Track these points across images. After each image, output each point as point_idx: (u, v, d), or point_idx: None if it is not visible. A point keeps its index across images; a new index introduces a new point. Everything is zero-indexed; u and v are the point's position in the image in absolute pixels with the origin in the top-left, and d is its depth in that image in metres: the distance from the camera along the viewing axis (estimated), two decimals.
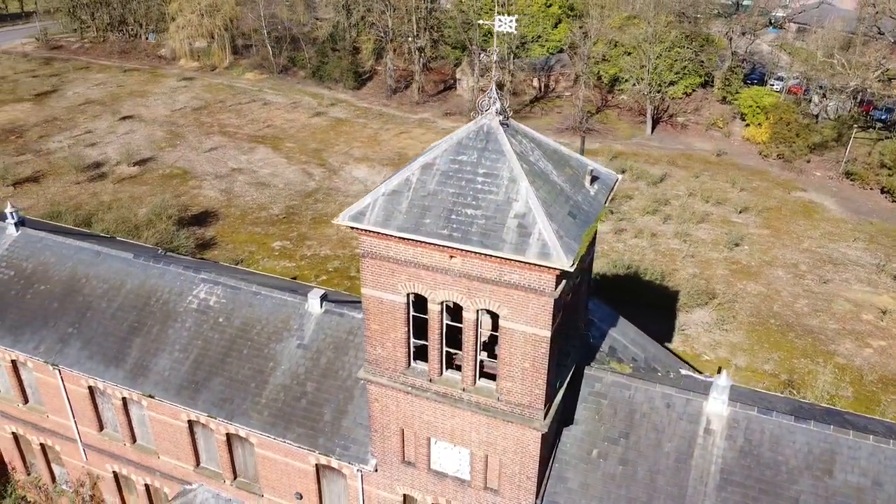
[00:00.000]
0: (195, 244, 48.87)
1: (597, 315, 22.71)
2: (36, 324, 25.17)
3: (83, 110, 76.96)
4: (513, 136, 16.48)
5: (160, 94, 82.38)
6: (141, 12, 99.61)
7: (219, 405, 21.95)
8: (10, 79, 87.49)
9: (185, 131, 71.43)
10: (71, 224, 48.64)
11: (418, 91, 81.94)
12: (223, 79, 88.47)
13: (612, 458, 18.79)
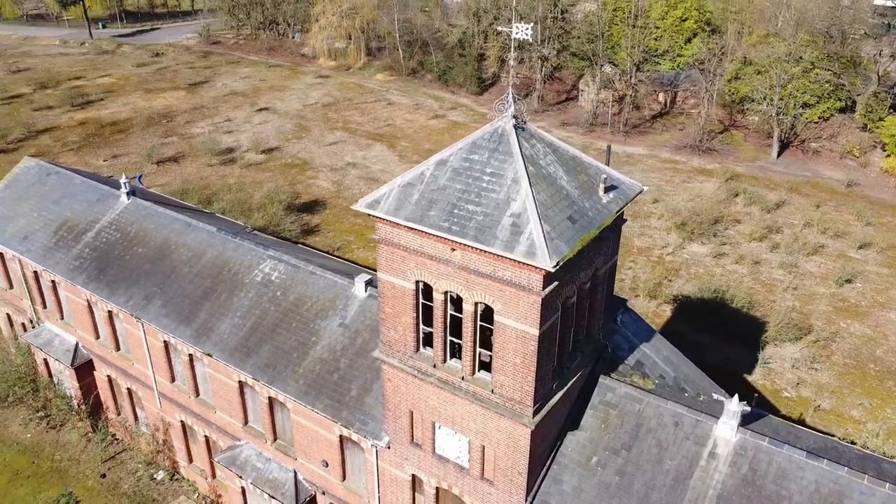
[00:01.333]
0: (300, 229, 52.32)
1: (630, 328, 22.61)
2: (129, 281, 28.53)
3: (227, 100, 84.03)
4: (526, 139, 17.08)
5: (296, 90, 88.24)
6: (289, 13, 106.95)
7: (263, 369, 24.00)
8: (171, 69, 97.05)
9: (312, 125, 76.18)
10: (195, 201, 53.74)
11: (538, 100, 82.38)
12: (355, 78, 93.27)
13: (611, 468, 18.81)
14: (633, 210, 56.93)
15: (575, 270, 17.01)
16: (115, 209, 31.51)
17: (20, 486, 30.57)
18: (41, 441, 32.92)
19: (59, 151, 68.31)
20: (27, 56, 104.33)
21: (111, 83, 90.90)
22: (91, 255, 30.13)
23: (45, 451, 32.36)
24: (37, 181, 34.85)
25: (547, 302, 15.99)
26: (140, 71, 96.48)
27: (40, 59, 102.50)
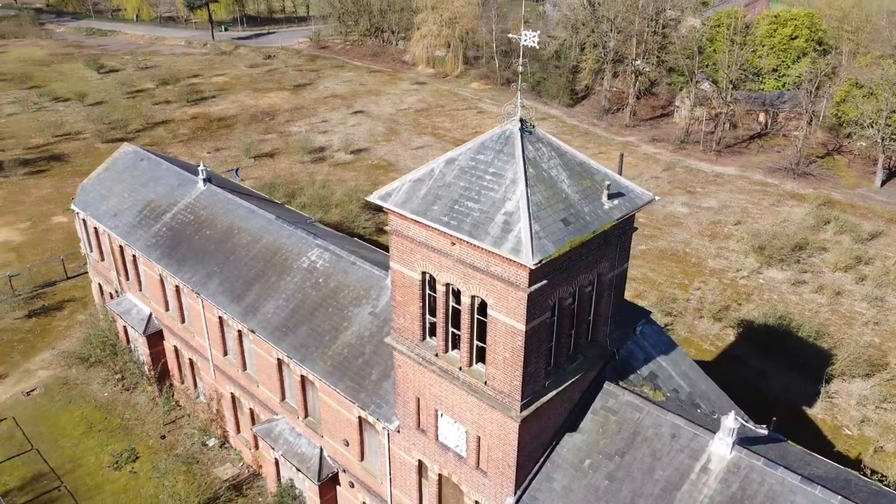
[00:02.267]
0: (374, 227, 54.37)
1: (648, 340, 22.62)
2: (195, 259, 31.08)
3: (326, 102, 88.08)
4: (532, 142, 17.70)
5: (392, 95, 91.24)
6: (394, 21, 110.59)
7: (298, 349, 25.64)
8: (280, 70, 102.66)
9: (402, 129, 78.62)
10: (281, 194, 56.99)
11: (630, 114, 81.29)
12: (451, 86, 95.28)
13: (602, 472, 19.01)
14: (712, 231, 55.39)
15: (570, 272, 17.43)
16: (192, 194, 34.33)
17: (91, 438, 33.81)
18: (115, 400, 36.22)
19: (169, 142, 74.02)
20: (155, 55, 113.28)
21: (224, 82, 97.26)
22: (167, 233, 33.01)
23: (117, 410, 35.58)
24: (131, 165, 38.41)
25: (534, 299, 16.53)
26: (251, 71, 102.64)
27: (166, 57, 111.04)
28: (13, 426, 34.71)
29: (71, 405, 36.05)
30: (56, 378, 38.03)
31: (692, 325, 43.18)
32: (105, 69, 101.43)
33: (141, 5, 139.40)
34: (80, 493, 30.71)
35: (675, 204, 60.44)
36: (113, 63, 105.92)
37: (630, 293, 46.37)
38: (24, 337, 41.89)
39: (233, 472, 31.67)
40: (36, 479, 31.51)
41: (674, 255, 51.85)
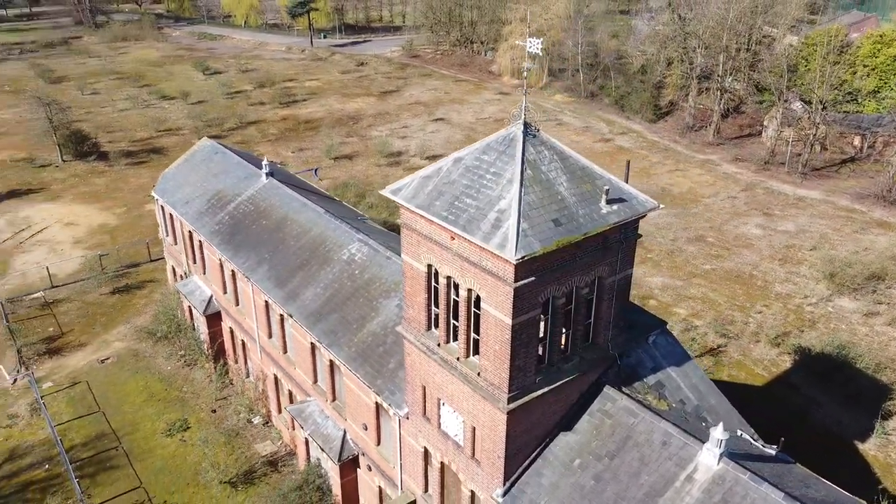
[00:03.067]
0: None
1: (661, 350, 22.66)
2: (250, 246, 33.29)
3: (409, 109, 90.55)
4: (534, 145, 18.38)
5: (474, 104, 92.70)
6: (483, 32, 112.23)
7: (327, 334, 27.13)
8: (370, 77, 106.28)
9: (479, 137, 79.48)
10: (352, 194, 59.41)
11: (714, 132, 79.23)
12: (533, 97, 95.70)
13: (590, 472, 19.32)
14: (784, 255, 53.38)
15: (563, 272, 17.94)
16: (254, 186, 36.72)
17: (151, 406, 36.63)
18: (176, 374, 39.03)
19: (259, 141, 78.26)
20: (256, 59, 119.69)
21: (316, 86, 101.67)
22: (229, 221, 35.47)
23: (177, 383, 38.35)
24: (206, 158, 41.38)
25: (521, 294, 17.18)
26: (343, 77, 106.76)
27: (266, 61, 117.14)
28: (86, 389, 38.07)
29: (137, 375, 39.13)
30: (128, 349, 41.35)
31: (747, 349, 41.94)
32: (210, 71, 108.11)
33: (249, 12, 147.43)
34: (134, 454, 33.40)
35: (749, 225, 58.60)
36: (217, 65, 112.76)
37: (685, 311, 45.57)
38: (107, 311, 45.69)
39: (271, 449, 33.56)
40: (98, 437, 34.50)
41: (739, 276, 50.38)
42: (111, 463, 32.94)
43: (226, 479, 31.34)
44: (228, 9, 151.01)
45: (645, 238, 55.86)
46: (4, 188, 65.72)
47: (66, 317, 45.19)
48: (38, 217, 59.78)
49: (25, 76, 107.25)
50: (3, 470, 32.63)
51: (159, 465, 32.72)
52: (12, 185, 66.24)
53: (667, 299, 47.24)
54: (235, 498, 30.75)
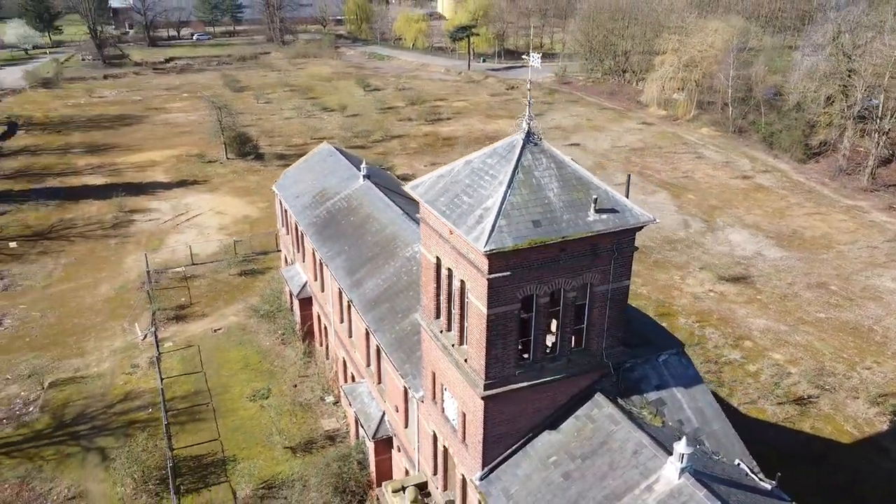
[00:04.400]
0: None
1: (670, 369, 22.77)
2: (335, 239, 36.71)
3: (547, 133, 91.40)
4: (533, 152, 19.69)
5: (613, 132, 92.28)
6: (635, 62, 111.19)
7: (376, 321, 29.57)
8: (516, 100, 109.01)
9: (609, 164, 79.57)
10: None
11: (869, 177, 73.18)
12: (677, 129, 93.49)
13: (561, 469, 20.02)
14: None
15: (543, 272, 18.98)
16: (352, 186, 40.27)
17: (243, 374, 41.08)
18: (271, 349, 43.38)
19: (397, 153, 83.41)
20: (415, 79, 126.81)
21: (463, 106, 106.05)
22: (325, 216, 39.22)
23: (269, 357, 42.64)
24: (322, 159, 45.77)
25: (495, 286, 18.50)
26: (491, 99, 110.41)
27: (423, 82, 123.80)
28: (196, 352, 43.41)
29: (240, 346, 43.94)
30: (238, 324, 46.47)
31: (841, 404, 39.03)
32: (370, 87, 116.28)
33: (418, 35, 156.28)
34: (220, 411, 37.77)
35: (885, 278, 53.84)
36: (378, 83, 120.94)
37: (782, 356, 43.15)
38: (231, 289, 51.49)
39: (334, 426, 36.51)
40: (195, 393, 39.35)
41: (855, 329, 46.67)
42: (200, 416, 37.50)
43: (288, 444, 34.69)
44: (399, 32, 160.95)
45: (758, 279, 53.34)
46: (177, 178, 75.53)
47: (198, 290, 51.49)
48: (196, 204, 68.16)
49: (216, 84, 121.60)
50: (116, 408, 38.28)
51: (237, 424, 36.77)
52: (183, 176, 75.94)
53: (765, 342, 44.93)
54: (293, 462, 33.92)
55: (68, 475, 33.44)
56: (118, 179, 74.73)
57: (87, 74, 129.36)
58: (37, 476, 33.41)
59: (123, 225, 63.43)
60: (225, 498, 32.04)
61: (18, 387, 40.27)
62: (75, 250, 58.41)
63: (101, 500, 32.02)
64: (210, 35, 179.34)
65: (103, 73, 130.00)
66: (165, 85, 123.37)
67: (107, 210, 66.23)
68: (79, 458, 34.51)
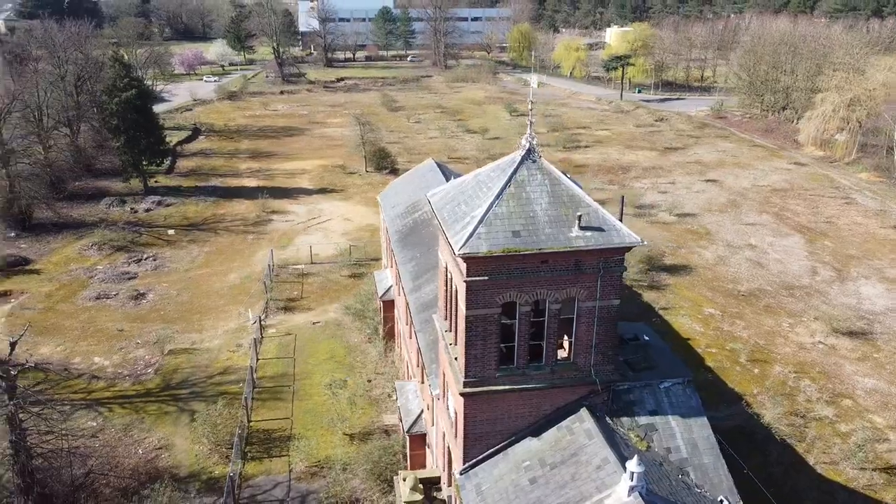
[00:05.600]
0: (648, 282, 55.69)
1: (671, 397, 22.68)
2: (412, 246, 39.19)
3: (685, 167, 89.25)
4: (530, 168, 20.82)
5: (758, 170, 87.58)
6: (796, 99, 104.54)
7: (422, 323, 31.51)
8: (662, 133, 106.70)
9: (744, 203, 75.78)
10: None
11: None
12: (831, 171, 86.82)
13: (529, 474, 20.74)
14: None
15: (523, 280, 19.98)
16: None
17: (327, 365, 44.58)
18: (357, 346, 46.63)
19: None
20: (564, 106, 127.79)
21: (605, 136, 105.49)
22: (410, 225, 41.91)
23: (354, 353, 45.87)
24: (423, 174, 48.64)
25: (474, 290, 19.81)
26: (635, 130, 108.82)
27: (569, 109, 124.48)
28: (292, 340, 47.68)
29: (331, 339, 47.65)
30: (335, 319, 50.33)
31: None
32: (516, 113, 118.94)
33: (576, 64, 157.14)
34: (298, 395, 41.38)
35: None
36: (525, 108, 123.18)
37: (884, 420, 39.38)
38: (338, 289, 55.74)
39: (393, 421, 38.72)
40: (281, 376, 43.36)
41: None
42: (280, 396, 41.33)
43: (348, 432, 37.39)
44: (558, 60, 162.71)
45: (880, 336, 48.97)
46: (318, 185, 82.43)
47: (310, 287, 56.26)
48: (329, 210, 74.06)
49: (375, 103, 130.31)
50: (214, 378, 43.18)
51: (309, 408, 40.13)
52: (324, 184, 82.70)
53: (868, 403, 41.30)
54: (347, 447, 36.52)
55: (161, 429, 38.42)
56: (269, 183, 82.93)
57: (267, 90, 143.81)
58: (138, 426, 38.70)
59: (263, 223, 70.47)
60: (281, 469, 35.29)
61: (144, 351, 46.57)
62: (218, 241, 65.91)
63: (181, 453, 36.51)
64: (382, 58, 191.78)
65: (280, 89, 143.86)
66: (331, 102, 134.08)
67: (252, 209, 73.86)
68: (173, 416, 39.48)
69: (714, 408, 39.07)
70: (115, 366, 44.96)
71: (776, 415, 38.89)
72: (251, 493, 33.82)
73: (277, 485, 34.35)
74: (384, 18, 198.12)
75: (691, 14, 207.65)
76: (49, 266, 60.00)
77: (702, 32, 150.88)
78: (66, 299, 54.17)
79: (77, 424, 38.33)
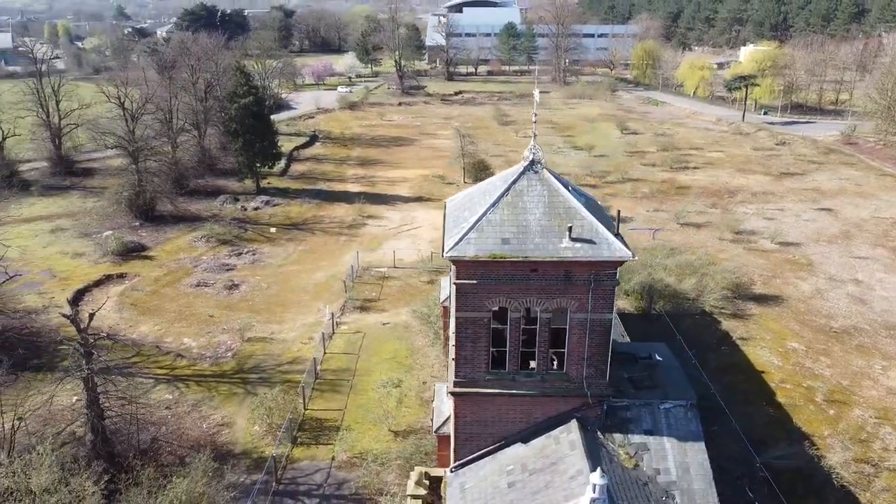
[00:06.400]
0: (731, 310, 53.41)
1: (672, 419, 22.31)
2: None
3: (798, 193, 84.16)
4: (531, 179, 21.34)
5: (881, 201, 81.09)
6: None
7: None
8: (780, 157, 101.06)
9: (858, 235, 70.53)
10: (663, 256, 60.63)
11: None
12: None
13: (510, 478, 21.15)
14: None
15: (511, 286, 20.51)
16: None
17: (387, 364, 46.27)
18: (420, 349, 48.05)
19: (624, 195, 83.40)
20: (680, 126, 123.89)
21: (717, 158, 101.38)
22: None
23: (415, 355, 47.31)
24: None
25: (465, 292, 20.57)
26: (752, 153, 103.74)
27: (685, 129, 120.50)
28: (360, 338, 49.87)
29: (396, 340, 49.39)
30: (405, 322, 52.07)
31: None
32: (628, 131, 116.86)
33: (699, 83, 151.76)
34: (354, 389, 43.32)
35: None
36: (638, 127, 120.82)
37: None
38: (415, 293, 57.54)
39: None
40: (343, 370, 45.50)
41: None
42: (338, 389, 43.45)
43: (393, 429, 38.79)
44: (682, 78, 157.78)
45: None
46: (416, 194, 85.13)
47: (388, 290, 58.47)
48: (420, 218, 76.33)
49: (487, 116, 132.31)
50: (283, 367, 46.03)
51: (362, 402, 41.91)
52: (421, 193, 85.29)
53: None
54: (390, 443, 37.89)
55: (227, 408, 41.54)
56: (370, 189, 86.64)
57: (386, 101, 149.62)
58: (207, 403, 42.06)
59: (357, 227, 73.83)
60: (325, 457, 37.21)
61: (227, 336, 50.38)
62: (313, 241, 69.81)
63: (240, 432, 39.35)
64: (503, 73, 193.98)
65: (399, 101, 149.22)
66: (445, 114, 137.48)
67: (350, 213, 77.54)
68: (239, 398, 42.54)
69: (773, 445, 37.14)
70: (199, 347, 48.97)
71: (843, 459, 36.36)
72: (293, 475, 35.93)
73: (319, 470, 36.27)
74: (509, 34, 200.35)
75: (836, 33, 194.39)
76: (161, 254, 66.07)
77: (841, 52, 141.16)
78: (171, 284, 59.48)
79: (156, 396, 42.33)
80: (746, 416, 39.57)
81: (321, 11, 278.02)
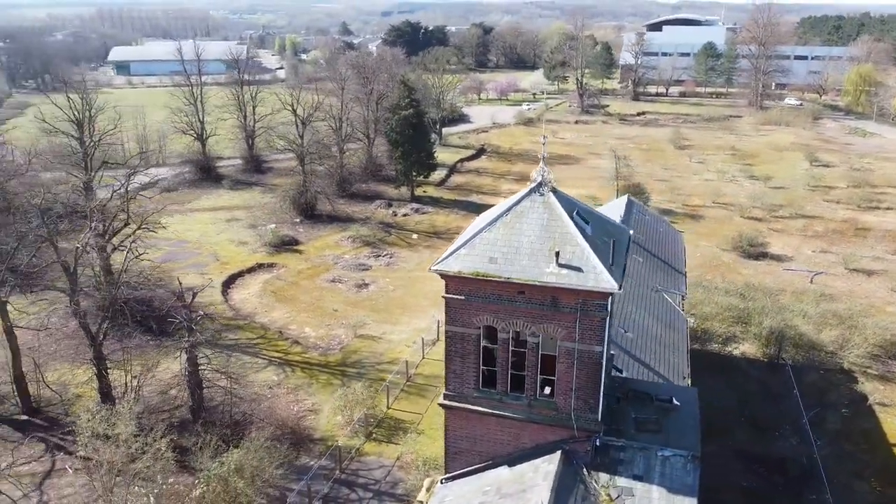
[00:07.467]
0: (876, 373, 47.26)
1: (668, 469, 21.00)
2: None
3: None
4: (534, 201, 21.11)
5: None
6: None
7: None
8: None
9: None
10: (808, 302, 54.85)
11: None
12: None
13: (483, 499, 21.08)
14: None
15: (499, 305, 20.43)
16: None
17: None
18: None
19: (790, 232, 76.27)
20: (884, 160, 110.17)
21: None
22: None
23: None
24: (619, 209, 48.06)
25: (452, 306, 20.86)
26: None
27: (891, 165, 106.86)
28: None
29: None
30: None
31: None
32: (818, 163, 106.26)
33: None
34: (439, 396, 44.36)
35: None
36: (832, 159, 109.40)
37: None
38: None
39: None
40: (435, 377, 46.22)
41: None
42: (424, 394, 44.79)
43: None
44: None
45: None
46: None
47: None
48: None
49: (663, 139, 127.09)
50: (381, 366, 48.34)
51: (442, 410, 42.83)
52: None
53: None
54: None
55: (319, 395, 44.59)
56: None
57: (563, 118, 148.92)
58: (305, 389, 45.44)
59: None
60: (391, 455, 38.70)
61: (342, 331, 53.87)
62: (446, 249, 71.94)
63: (323, 419, 42.09)
64: (697, 94, 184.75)
65: (576, 119, 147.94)
66: (620, 135, 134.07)
67: None
68: (334, 387, 45.40)
69: None
70: (317, 337, 52.90)
71: None
72: (358, 467, 37.86)
73: (382, 467, 37.87)
74: (707, 54, 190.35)
75: None
76: (310, 249, 71.94)
77: None
78: (310, 277, 64.66)
79: (264, 376, 46.53)
80: (848, 491, 34.86)
81: (519, 27, 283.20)
